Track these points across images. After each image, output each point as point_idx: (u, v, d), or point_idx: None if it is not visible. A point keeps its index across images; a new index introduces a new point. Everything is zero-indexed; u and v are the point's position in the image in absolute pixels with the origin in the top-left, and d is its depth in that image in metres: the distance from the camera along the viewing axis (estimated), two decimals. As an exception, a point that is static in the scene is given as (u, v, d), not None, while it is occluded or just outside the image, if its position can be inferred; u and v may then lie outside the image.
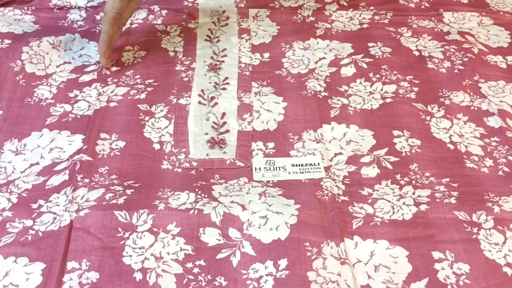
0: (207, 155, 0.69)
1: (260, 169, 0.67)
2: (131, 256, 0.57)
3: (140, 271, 0.56)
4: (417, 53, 0.84)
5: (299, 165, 0.67)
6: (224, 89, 0.78)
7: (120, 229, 0.59)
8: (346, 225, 0.61)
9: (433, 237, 0.59)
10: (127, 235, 0.59)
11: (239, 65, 0.82)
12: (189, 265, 0.57)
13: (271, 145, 0.70)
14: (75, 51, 0.83)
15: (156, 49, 0.84)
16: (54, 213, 0.61)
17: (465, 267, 0.57)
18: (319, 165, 0.67)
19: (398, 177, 0.66)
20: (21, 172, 0.66)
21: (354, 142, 0.70)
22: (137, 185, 0.64)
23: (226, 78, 0.80)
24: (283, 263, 0.56)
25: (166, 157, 0.69)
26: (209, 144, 0.70)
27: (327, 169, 0.67)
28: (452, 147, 0.70)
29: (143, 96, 0.76)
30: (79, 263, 0.56)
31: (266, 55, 0.84)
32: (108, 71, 0.79)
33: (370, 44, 0.86)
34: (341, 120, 0.73)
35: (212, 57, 0.83)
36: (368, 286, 0.55)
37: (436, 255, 0.58)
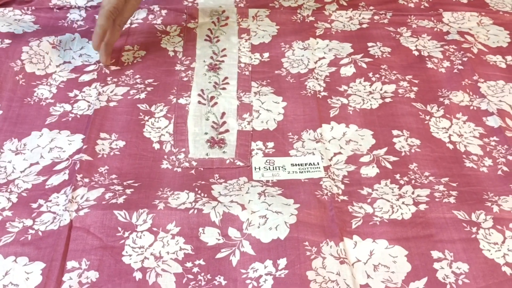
0: (207, 154, 0.69)
1: (259, 168, 0.67)
2: (130, 255, 0.57)
3: (139, 270, 0.56)
4: (416, 53, 0.84)
5: (298, 164, 0.67)
6: (224, 88, 0.78)
7: (119, 229, 0.59)
8: (345, 224, 0.61)
9: (432, 237, 0.60)
10: (126, 234, 0.59)
11: (238, 65, 0.82)
12: (189, 264, 0.57)
13: (270, 144, 0.70)
14: (75, 50, 0.83)
15: (156, 49, 0.84)
16: (54, 212, 0.61)
17: (464, 266, 0.57)
18: (318, 164, 0.67)
19: (398, 176, 0.66)
20: (21, 172, 0.66)
21: (354, 142, 0.71)
22: (136, 184, 0.64)
23: (226, 78, 0.80)
24: (282, 262, 0.56)
25: (165, 156, 0.69)
26: (208, 143, 0.70)
27: (326, 168, 0.67)
28: (451, 146, 0.70)
29: (142, 95, 0.76)
30: (78, 262, 0.56)
31: (266, 55, 0.84)
32: (107, 70, 0.79)
33: (369, 44, 0.86)
34: (341, 119, 0.73)
35: (211, 57, 0.83)
36: (367, 286, 0.56)
37: (435, 254, 0.58)
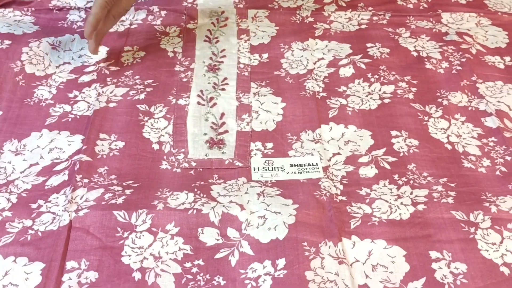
0: (206, 155, 0.69)
1: (258, 169, 0.67)
2: (130, 255, 0.57)
3: (139, 270, 0.56)
4: (415, 54, 0.85)
5: (297, 165, 0.68)
6: (223, 89, 0.78)
7: (119, 229, 0.59)
8: (344, 225, 0.61)
9: (431, 237, 0.60)
10: (126, 235, 0.59)
11: (238, 66, 0.82)
12: (188, 264, 0.57)
13: (269, 145, 0.71)
14: (74, 51, 0.83)
15: (155, 49, 0.85)
16: (54, 213, 0.61)
17: (462, 266, 0.57)
18: (317, 165, 0.67)
19: (396, 177, 0.66)
20: (21, 172, 0.66)
21: (352, 142, 0.71)
22: (136, 185, 0.65)
23: (225, 78, 0.80)
24: (281, 262, 0.57)
25: (165, 157, 0.69)
26: (208, 144, 0.70)
27: (325, 169, 0.67)
28: (449, 147, 0.71)
29: (142, 96, 0.76)
30: (78, 262, 0.56)
31: (265, 55, 0.84)
32: (107, 70, 0.80)
33: (368, 45, 0.86)
34: (340, 120, 0.74)
35: (211, 58, 0.83)
36: (366, 286, 0.56)
37: (434, 254, 0.58)
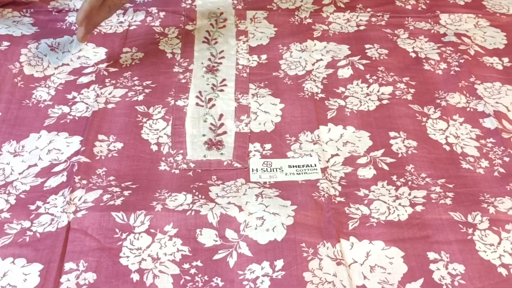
0: (205, 156, 0.69)
1: (257, 170, 0.67)
2: (128, 257, 0.57)
3: (137, 272, 0.56)
4: (413, 55, 0.85)
5: (296, 166, 0.68)
6: (222, 90, 0.78)
7: (117, 230, 0.59)
8: (342, 226, 0.61)
9: (429, 238, 0.60)
10: (124, 236, 0.59)
11: (236, 67, 0.82)
12: (186, 265, 0.57)
13: (268, 146, 0.71)
14: (73, 53, 0.83)
15: (154, 51, 0.85)
16: (52, 214, 0.61)
17: (460, 267, 0.57)
18: (315, 166, 0.67)
19: (394, 178, 0.66)
20: (19, 174, 0.66)
21: (351, 144, 0.71)
22: (134, 186, 0.65)
23: (224, 79, 0.80)
24: (279, 263, 0.57)
25: (163, 158, 0.69)
26: (206, 145, 0.71)
27: (323, 170, 0.67)
28: (448, 148, 0.71)
29: (140, 97, 0.76)
30: (76, 264, 0.56)
31: (264, 56, 0.84)
32: (106, 72, 0.80)
33: (367, 46, 0.86)
34: (338, 121, 0.74)
35: (209, 59, 0.83)
36: (364, 287, 0.56)
37: (432, 255, 0.58)
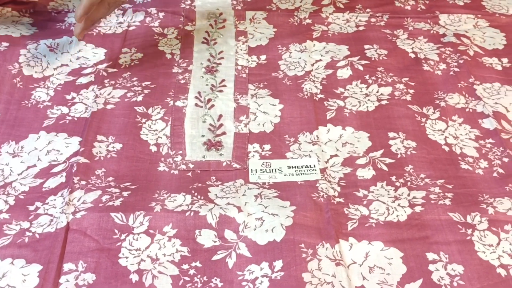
0: (204, 157, 0.69)
1: (256, 171, 0.67)
2: (127, 257, 0.57)
3: (136, 272, 0.56)
4: (413, 55, 0.85)
5: (295, 167, 0.68)
6: (221, 91, 0.78)
7: (116, 231, 0.59)
8: (341, 226, 0.61)
9: (428, 239, 0.60)
10: (123, 236, 0.59)
11: (235, 68, 0.82)
12: (185, 266, 0.57)
13: (267, 147, 0.71)
14: (72, 53, 0.83)
15: (153, 51, 0.85)
16: (51, 215, 0.61)
17: (459, 268, 0.57)
18: (315, 167, 0.67)
19: (394, 178, 0.66)
20: (18, 174, 0.66)
21: (350, 144, 0.71)
22: (133, 187, 0.65)
23: (223, 80, 0.80)
24: (278, 264, 0.57)
25: (162, 159, 0.69)
26: (205, 146, 0.71)
27: (322, 171, 0.67)
28: (447, 148, 0.71)
29: (140, 98, 0.76)
30: (75, 264, 0.56)
31: (263, 57, 0.84)
32: (105, 72, 0.80)
33: (366, 46, 0.86)
34: (337, 122, 0.74)
35: (209, 60, 0.83)
36: (363, 287, 0.56)
37: (431, 256, 0.58)
